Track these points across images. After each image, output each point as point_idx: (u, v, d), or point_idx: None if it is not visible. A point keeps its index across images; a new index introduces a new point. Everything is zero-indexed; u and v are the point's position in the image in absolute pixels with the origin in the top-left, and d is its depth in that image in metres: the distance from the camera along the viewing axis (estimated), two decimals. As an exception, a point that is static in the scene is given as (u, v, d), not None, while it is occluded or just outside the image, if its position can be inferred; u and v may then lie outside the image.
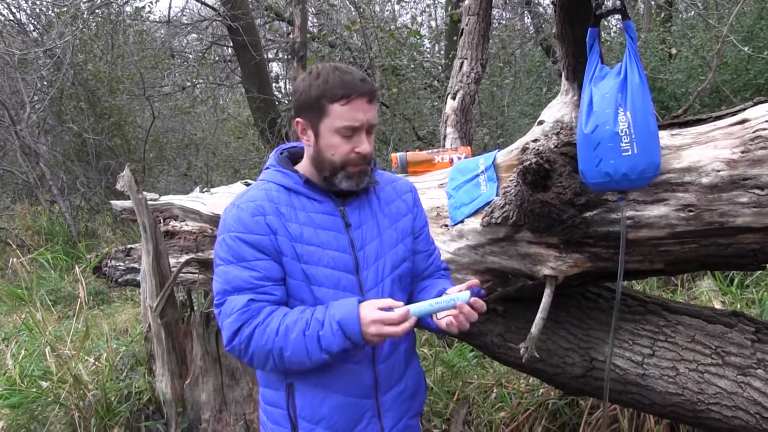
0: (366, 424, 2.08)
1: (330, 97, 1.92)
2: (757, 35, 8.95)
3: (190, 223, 4.16)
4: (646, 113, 1.85)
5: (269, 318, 1.92)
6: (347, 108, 1.93)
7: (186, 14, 15.01)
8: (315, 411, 2.04)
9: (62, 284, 8.31)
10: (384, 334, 1.85)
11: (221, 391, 3.73)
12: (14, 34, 12.12)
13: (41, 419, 4.03)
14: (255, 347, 1.92)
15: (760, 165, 1.83)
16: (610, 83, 1.91)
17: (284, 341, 1.89)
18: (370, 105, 1.96)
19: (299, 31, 7.62)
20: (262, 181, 2.10)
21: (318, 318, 1.90)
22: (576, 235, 2.21)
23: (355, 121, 1.94)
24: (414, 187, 2.31)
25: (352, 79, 1.94)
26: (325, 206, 2.05)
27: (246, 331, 1.92)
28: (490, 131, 9.30)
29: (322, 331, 1.87)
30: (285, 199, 2.02)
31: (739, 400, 2.14)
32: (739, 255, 2.02)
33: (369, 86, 1.96)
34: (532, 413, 3.92)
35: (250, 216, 1.97)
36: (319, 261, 1.98)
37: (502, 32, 11.35)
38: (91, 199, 12.18)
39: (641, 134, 1.83)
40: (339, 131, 1.95)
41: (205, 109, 13.79)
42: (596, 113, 1.90)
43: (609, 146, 1.86)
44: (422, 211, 2.31)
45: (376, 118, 2.01)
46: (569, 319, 2.59)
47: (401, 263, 2.13)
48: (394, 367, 2.12)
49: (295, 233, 1.97)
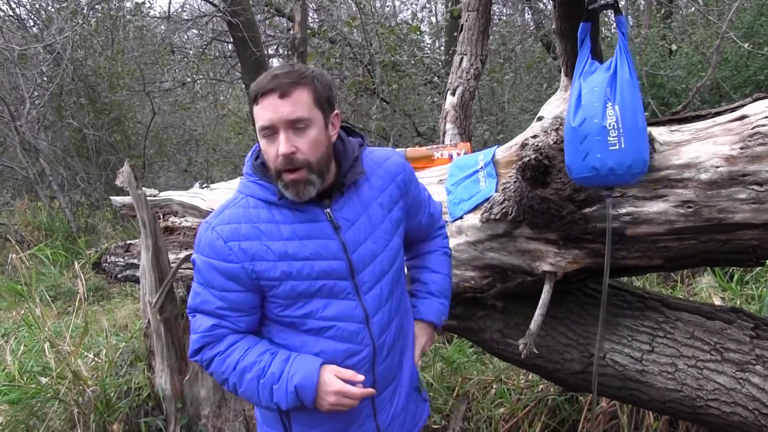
0: (361, 424, 2.06)
1: (252, 100, 1.84)
2: (757, 31, 8.94)
3: (189, 218, 4.16)
4: (634, 109, 1.83)
5: (229, 350, 1.93)
6: (258, 108, 1.80)
7: (186, 10, 14.99)
8: (310, 416, 2.01)
9: (62, 280, 8.30)
10: (342, 405, 1.86)
11: (221, 387, 3.72)
12: (14, 30, 12.08)
13: (40, 415, 4.03)
14: (213, 371, 1.96)
15: (759, 161, 1.83)
16: (600, 77, 1.90)
17: (239, 379, 1.91)
18: (283, 100, 1.77)
19: (299, 27, 7.61)
20: (241, 194, 1.98)
21: (274, 372, 1.88)
22: (575, 231, 2.21)
23: (265, 120, 1.79)
24: (406, 165, 2.15)
25: (266, 76, 1.81)
26: (308, 214, 1.91)
27: (207, 354, 1.94)
28: (490, 127, 9.29)
29: (276, 386, 1.87)
30: (265, 215, 1.91)
31: (738, 396, 2.14)
32: (738, 251, 2.02)
33: (279, 81, 1.78)
34: (531, 409, 3.92)
35: (223, 243, 1.87)
36: (309, 275, 1.89)
37: (502, 28, 11.35)
38: (90, 195, 12.17)
39: (629, 129, 1.82)
40: (260, 133, 1.82)
41: (205, 105, 13.74)
42: (584, 106, 1.88)
43: (596, 140, 1.85)
44: (418, 186, 2.20)
45: (299, 111, 1.78)
46: (568, 315, 2.59)
47: (396, 256, 2.07)
48: (390, 366, 2.09)
49: (280, 251, 1.87)
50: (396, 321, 2.08)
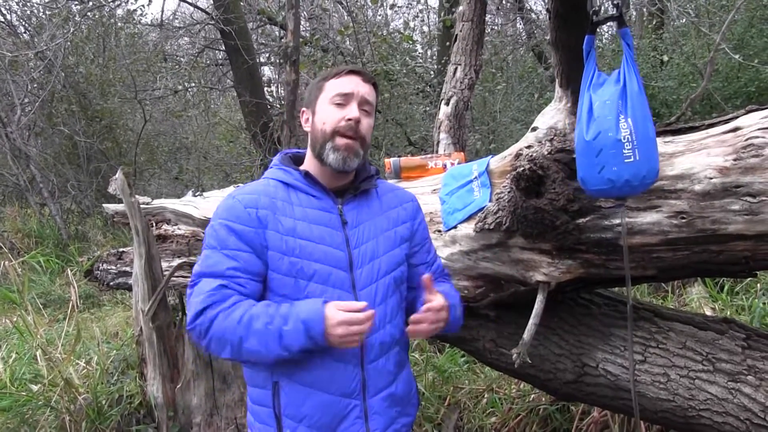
0: (351, 424, 2.06)
1: (327, 77, 2.10)
2: (748, 43, 9.01)
3: (182, 226, 4.16)
4: (645, 120, 1.85)
5: (234, 306, 1.95)
6: (340, 80, 2.08)
7: (178, 17, 14.99)
8: (298, 409, 2.03)
9: (53, 287, 8.29)
10: (352, 333, 1.88)
11: (212, 395, 3.72)
12: (5, 36, 12.06)
13: (32, 423, 4.02)
14: (215, 331, 1.94)
15: (752, 173, 1.84)
16: (611, 90, 1.91)
17: (245, 331, 1.91)
18: (364, 83, 2.09)
19: (292, 36, 7.61)
20: (264, 178, 2.17)
21: (282, 314, 1.92)
22: (569, 241, 2.22)
23: (346, 88, 2.06)
24: (415, 198, 2.36)
25: (348, 65, 2.16)
26: (322, 203, 2.09)
27: (209, 313, 1.94)
28: (482, 137, 9.33)
29: (286, 327, 1.89)
30: (283, 195, 2.08)
31: (730, 407, 2.15)
32: (731, 262, 2.03)
33: (363, 70, 2.13)
34: (523, 418, 3.93)
35: (243, 207, 2.02)
36: (311, 255, 2.01)
37: (494, 38, 11.39)
38: (81, 202, 12.15)
39: (642, 141, 1.83)
40: (332, 100, 2.06)
41: (196, 113, 13.73)
42: (597, 120, 1.89)
43: (612, 153, 1.86)
44: (424, 222, 2.34)
45: (371, 97, 2.11)
46: (561, 325, 2.60)
47: (396, 267, 2.15)
48: (383, 369, 2.10)
49: (288, 226, 2.01)
50: (390, 330, 2.11)
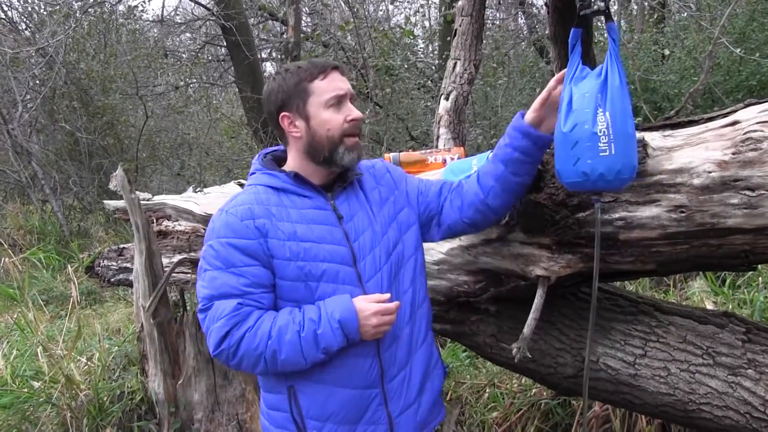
0: (373, 412, 2.07)
1: (308, 78, 2.01)
2: (749, 37, 8.97)
3: (183, 222, 4.16)
4: (624, 115, 1.83)
5: (259, 322, 1.92)
6: (327, 80, 2.02)
7: (179, 13, 14.98)
8: (322, 409, 2.03)
9: (54, 284, 8.27)
10: (384, 324, 1.93)
11: (214, 391, 3.73)
12: (6, 33, 12.06)
13: (33, 419, 4.02)
14: (245, 350, 1.91)
15: (751, 166, 1.83)
16: (591, 83, 1.90)
17: (278, 344, 1.89)
18: (343, 77, 2.06)
19: (293, 31, 7.63)
20: (250, 185, 2.11)
21: (312, 318, 1.91)
22: (568, 235, 2.22)
23: (340, 89, 2.02)
24: (388, 165, 2.35)
25: (319, 60, 2.08)
26: (315, 201, 2.07)
27: (236, 334, 1.91)
28: (483, 131, 9.31)
29: (320, 330, 1.89)
30: (275, 200, 2.03)
31: (730, 400, 2.15)
32: (730, 256, 2.03)
33: (337, 63, 2.09)
34: (524, 413, 3.92)
35: (239, 221, 1.96)
36: (316, 256, 1.98)
37: (495, 33, 11.37)
38: (83, 199, 12.14)
39: (619, 135, 1.81)
40: (328, 103, 2.01)
41: (198, 109, 13.75)
42: (575, 112, 1.88)
43: (587, 146, 1.84)
44: (404, 175, 2.34)
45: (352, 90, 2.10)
46: (561, 320, 2.59)
47: (393, 249, 2.13)
48: (396, 353, 2.11)
49: (288, 231, 1.98)
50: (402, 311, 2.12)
